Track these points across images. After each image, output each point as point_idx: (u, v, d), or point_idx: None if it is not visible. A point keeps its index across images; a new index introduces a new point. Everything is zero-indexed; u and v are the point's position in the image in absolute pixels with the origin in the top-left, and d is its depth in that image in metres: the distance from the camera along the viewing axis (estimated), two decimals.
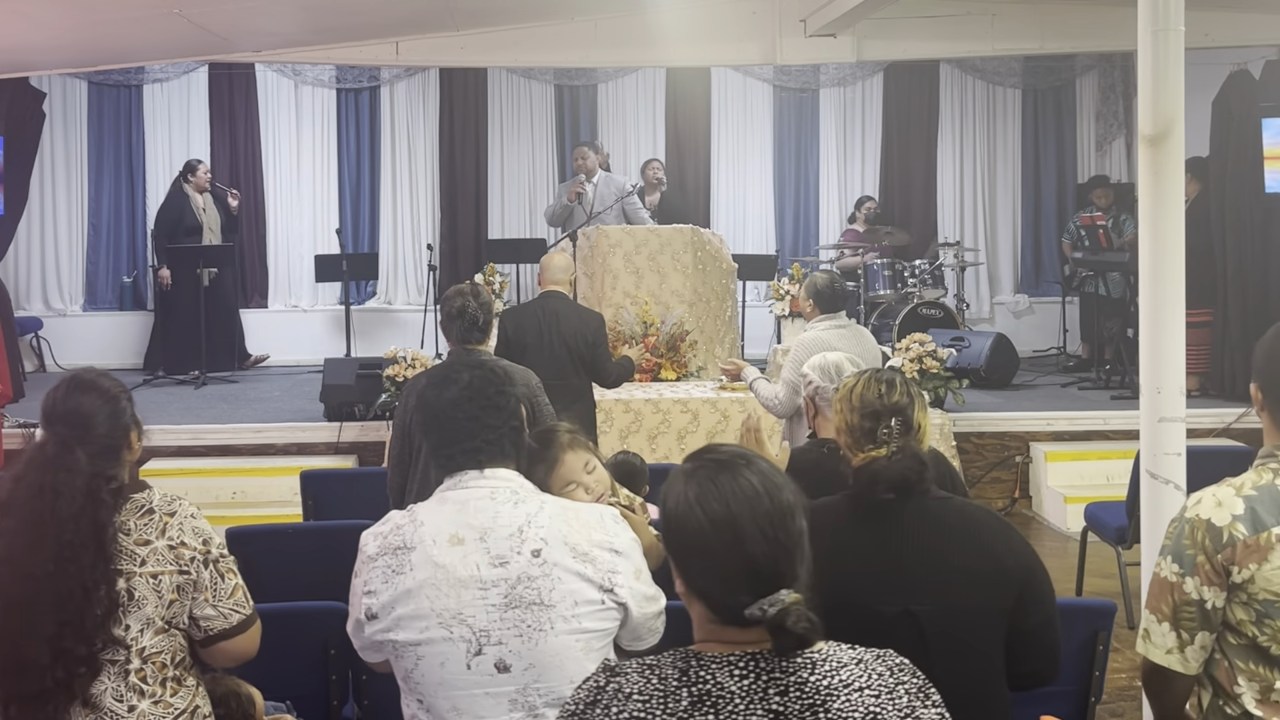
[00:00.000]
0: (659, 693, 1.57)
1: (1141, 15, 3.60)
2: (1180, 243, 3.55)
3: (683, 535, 1.60)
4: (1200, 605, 2.20)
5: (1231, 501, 2.21)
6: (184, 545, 2.39)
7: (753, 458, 1.65)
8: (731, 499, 1.57)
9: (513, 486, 2.23)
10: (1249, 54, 8.59)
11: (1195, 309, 6.72)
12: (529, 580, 2.11)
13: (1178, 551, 2.23)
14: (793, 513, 1.59)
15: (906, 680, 1.62)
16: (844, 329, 5.24)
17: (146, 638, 2.36)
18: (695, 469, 1.63)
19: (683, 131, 11.38)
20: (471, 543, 2.15)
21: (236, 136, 10.96)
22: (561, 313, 5.47)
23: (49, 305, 10.78)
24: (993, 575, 2.31)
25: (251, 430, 7.64)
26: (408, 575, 2.15)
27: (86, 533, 2.29)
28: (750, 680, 1.55)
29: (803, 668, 1.57)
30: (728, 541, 1.56)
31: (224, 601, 2.44)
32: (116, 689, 2.33)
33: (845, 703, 1.55)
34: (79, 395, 2.42)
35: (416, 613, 2.13)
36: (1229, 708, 2.23)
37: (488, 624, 2.11)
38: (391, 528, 2.24)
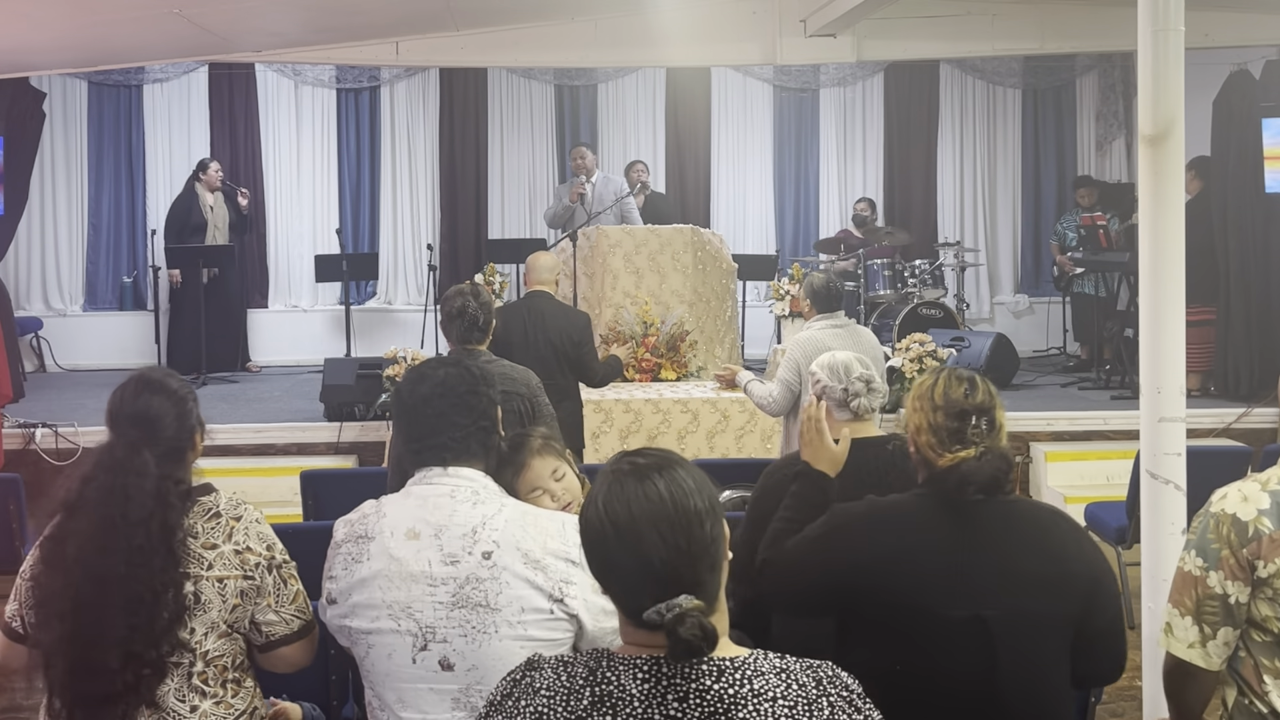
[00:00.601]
0: (564, 690, 1.59)
1: (1141, 15, 3.60)
2: (1180, 243, 3.54)
3: (589, 536, 1.63)
4: (1224, 600, 2.20)
5: (1257, 496, 2.21)
6: (250, 550, 2.38)
7: (673, 464, 1.64)
8: (634, 502, 1.58)
9: (475, 486, 2.23)
10: (1249, 54, 8.59)
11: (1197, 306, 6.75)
12: (477, 582, 2.11)
13: (1202, 546, 2.23)
14: (700, 519, 1.59)
15: (834, 693, 1.59)
16: (841, 329, 5.24)
17: (210, 641, 2.35)
18: (612, 472, 1.65)
19: (683, 131, 11.38)
20: (426, 538, 2.15)
21: (236, 136, 10.96)
22: (547, 312, 5.48)
23: (49, 305, 10.78)
24: (1061, 580, 2.27)
25: (251, 430, 7.64)
26: (364, 564, 2.17)
27: (156, 536, 2.27)
28: (650, 685, 1.56)
29: (706, 675, 1.56)
30: (627, 544, 1.57)
31: (286, 607, 2.43)
32: (179, 690, 2.33)
33: (752, 712, 1.54)
34: (148, 396, 2.40)
35: (369, 602, 2.15)
36: (1255, 705, 2.22)
37: (434, 620, 2.11)
38: (359, 516, 2.27)
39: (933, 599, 2.23)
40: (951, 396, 2.36)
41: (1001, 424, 2.39)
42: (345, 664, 3.40)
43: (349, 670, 3.43)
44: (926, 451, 2.35)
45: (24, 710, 4.48)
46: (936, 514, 2.30)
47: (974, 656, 2.22)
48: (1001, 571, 2.25)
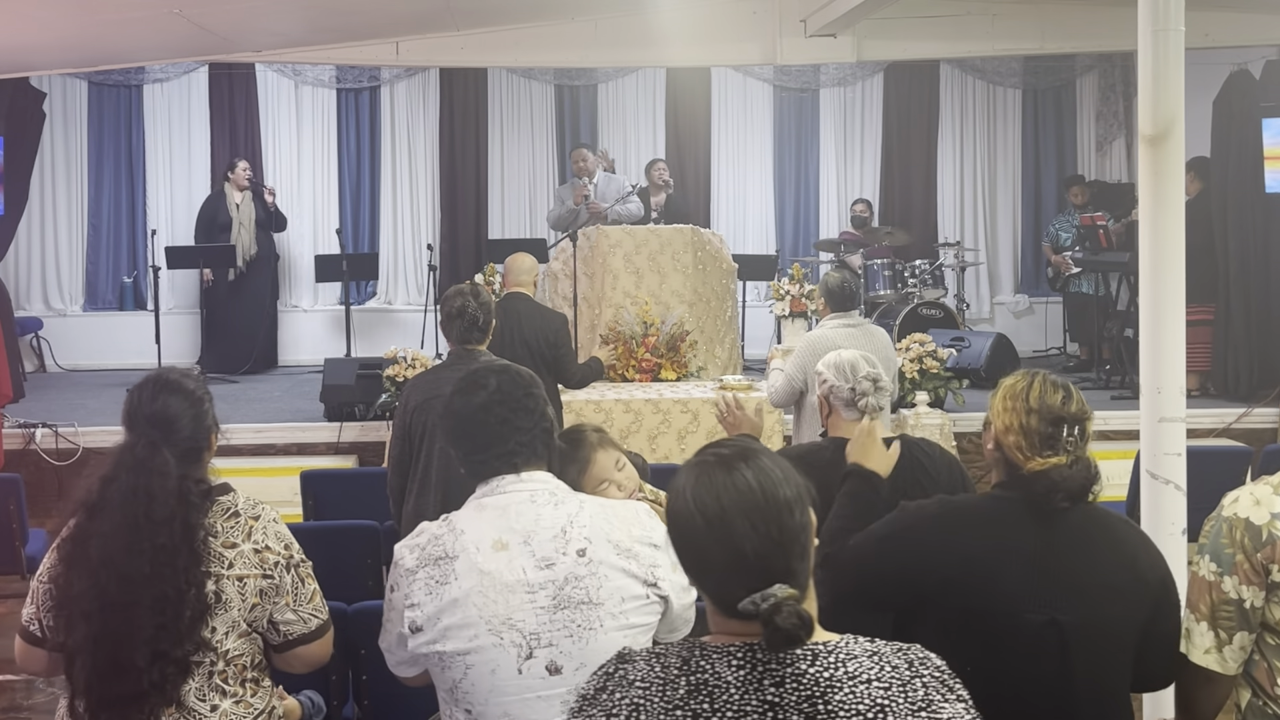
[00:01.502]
0: (659, 680, 1.59)
1: (1141, 15, 3.60)
2: (1180, 243, 3.54)
3: (679, 529, 1.63)
4: (1239, 604, 2.19)
5: (1270, 500, 2.20)
6: (268, 549, 2.39)
7: (757, 453, 1.65)
8: (723, 493, 1.59)
9: (550, 488, 2.23)
10: (1249, 54, 8.59)
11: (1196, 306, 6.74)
12: (576, 580, 2.12)
13: (1216, 550, 2.22)
14: (790, 508, 1.60)
15: (927, 673, 1.61)
16: (854, 328, 5.23)
17: (230, 640, 2.36)
18: (698, 464, 1.66)
19: (683, 131, 11.38)
20: (516, 547, 2.14)
21: (236, 136, 10.96)
22: (523, 314, 5.50)
23: (49, 305, 10.78)
24: (1134, 587, 2.27)
25: (251, 430, 7.64)
26: (453, 585, 2.13)
27: (179, 536, 2.28)
28: (746, 671, 1.57)
29: (801, 659, 1.57)
30: (718, 536, 1.57)
31: (304, 606, 2.44)
32: (201, 689, 2.34)
33: (849, 694, 1.55)
34: (165, 396, 2.41)
35: (464, 621, 2.11)
36: (1270, 707, 2.22)
37: (537, 627, 2.10)
38: (429, 538, 2.21)
39: (1010, 602, 2.23)
40: (1048, 402, 2.33)
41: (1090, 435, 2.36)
42: (346, 664, 3.40)
43: (349, 670, 3.43)
44: (1013, 453, 2.32)
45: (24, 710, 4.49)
46: (1017, 517, 2.29)
47: (1048, 661, 2.22)
48: (1079, 577, 2.25)
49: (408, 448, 4.14)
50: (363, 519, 4.54)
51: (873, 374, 3.27)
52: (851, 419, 3.24)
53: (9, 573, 5.35)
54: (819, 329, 5.24)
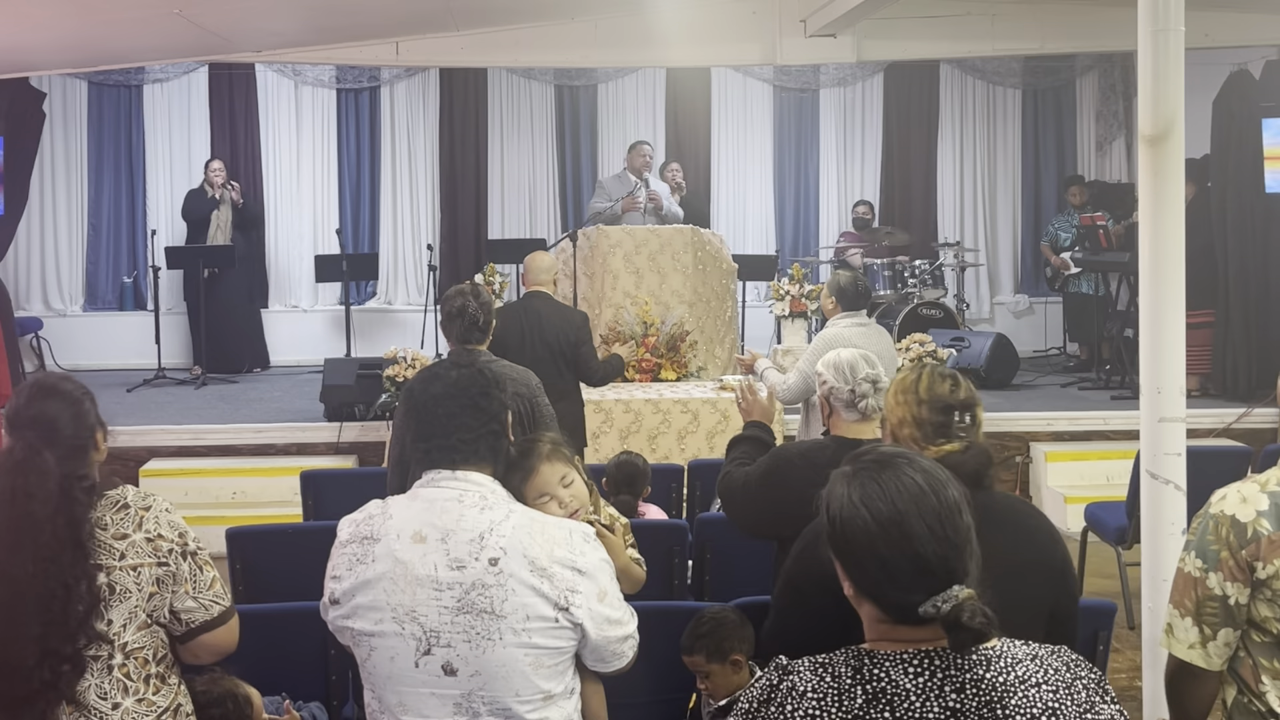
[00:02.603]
0: (833, 690, 1.57)
1: (1141, 15, 3.60)
2: (1180, 243, 3.54)
3: (849, 537, 1.60)
4: (1224, 601, 2.20)
5: (1256, 498, 2.21)
6: (161, 538, 2.40)
7: (914, 456, 1.64)
8: (897, 498, 1.57)
9: (483, 491, 2.21)
10: (1249, 54, 8.59)
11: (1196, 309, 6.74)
12: (483, 588, 2.10)
13: (1202, 547, 2.24)
14: (959, 509, 1.59)
15: (1084, 675, 1.61)
16: (865, 327, 5.25)
17: (129, 633, 2.37)
18: (856, 470, 1.63)
19: (683, 131, 11.38)
20: (433, 542, 2.14)
21: (236, 136, 10.96)
22: (544, 313, 5.48)
23: (49, 305, 10.79)
24: (1040, 566, 2.32)
25: (251, 430, 7.64)
26: (370, 565, 2.16)
27: (63, 532, 2.29)
28: (925, 677, 1.55)
29: (978, 664, 1.56)
30: (895, 541, 1.56)
31: (204, 593, 2.45)
32: (100, 686, 2.34)
33: (1023, 699, 1.55)
34: (42, 400, 2.44)
35: (373, 604, 2.14)
36: (1254, 704, 2.23)
37: (438, 625, 2.10)
38: (365, 516, 2.25)
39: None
40: (937, 391, 2.42)
41: (980, 421, 2.45)
42: (345, 664, 3.40)
43: (349, 670, 3.43)
44: (908, 445, 2.39)
45: None
46: None
47: None
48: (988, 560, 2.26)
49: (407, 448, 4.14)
50: None
51: (872, 375, 3.27)
52: (852, 420, 3.25)
53: None
54: (832, 328, 5.25)
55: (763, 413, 3.68)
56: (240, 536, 4.21)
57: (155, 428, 7.54)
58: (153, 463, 7.26)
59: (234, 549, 4.21)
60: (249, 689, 2.78)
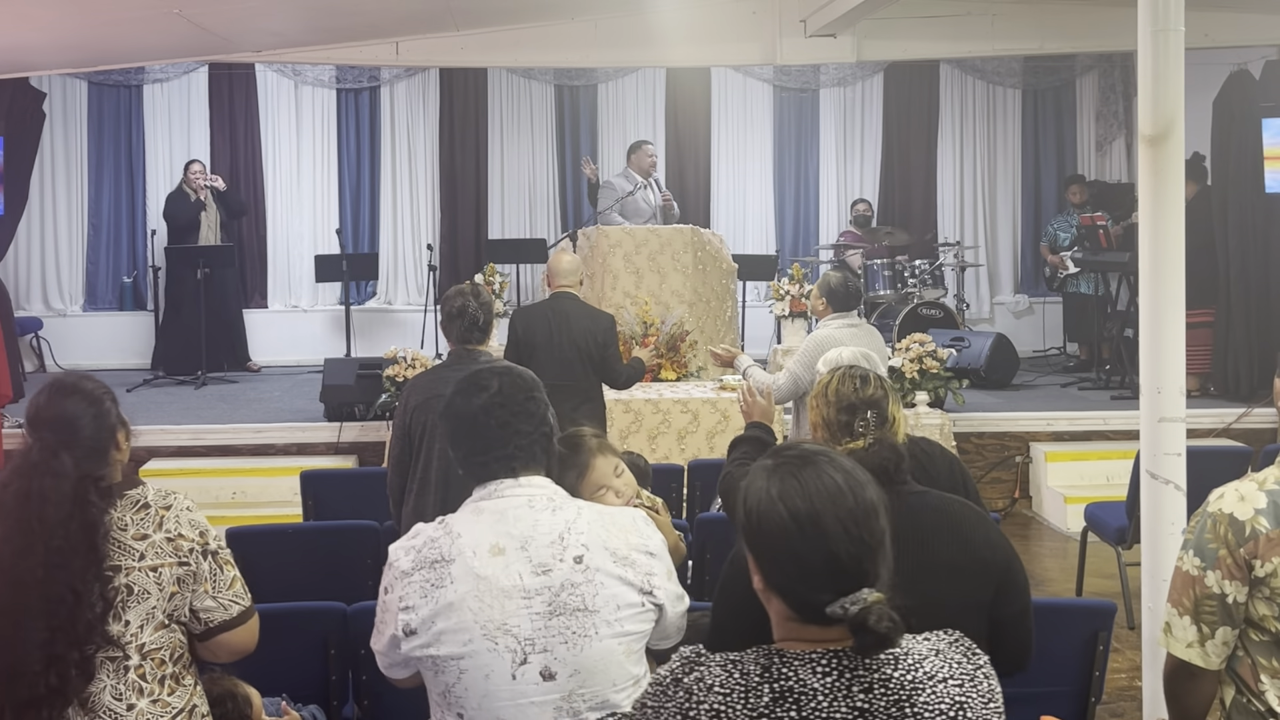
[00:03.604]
0: (740, 687, 1.56)
1: (1141, 15, 3.60)
2: (1180, 243, 3.54)
3: (764, 531, 1.59)
4: (1222, 599, 2.20)
5: (1254, 496, 2.21)
6: (182, 537, 2.39)
7: (835, 455, 1.64)
8: (815, 495, 1.57)
9: (548, 494, 2.22)
10: (1249, 54, 8.59)
11: (1196, 309, 6.75)
12: (573, 587, 2.11)
13: (1200, 545, 2.24)
14: (876, 511, 1.59)
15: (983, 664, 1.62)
16: (856, 328, 5.23)
17: (147, 633, 2.35)
18: (778, 465, 1.62)
19: (683, 131, 11.38)
20: (513, 552, 2.13)
21: (236, 136, 10.96)
22: (572, 313, 5.43)
23: (49, 305, 10.78)
24: (973, 568, 2.33)
25: (251, 430, 7.64)
26: (449, 588, 2.12)
27: (76, 536, 2.27)
28: (834, 678, 1.55)
29: (886, 664, 1.56)
30: (810, 538, 1.55)
31: (224, 592, 2.44)
32: (115, 688, 2.32)
33: (931, 695, 1.55)
34: (62, 400, 2.41)
35: (459, 626, 2.10)
36: (1253, 703, 2.23)
37: (532, 633, 2.10)
38: (425, 540, 2.19)
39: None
40: (841, 391, 2.51)
41: (895, 418, 2.51)
42: (345, 664, 3.40)
43: (349, 670, 3.43)
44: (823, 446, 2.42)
45: None
46: None
47: None
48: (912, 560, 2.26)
49: (408, 447, 4.14)
50: (363, 519, 4.54)
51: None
52: None
53: None
54: (823, 329, 5.23)
55: (763, 414, 3.73)
56: (240, 536, 4.20)
57: (155, 428, 7.53)
58: (152, 463, 7.26)
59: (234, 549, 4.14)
60: (249, 689, 2.78)
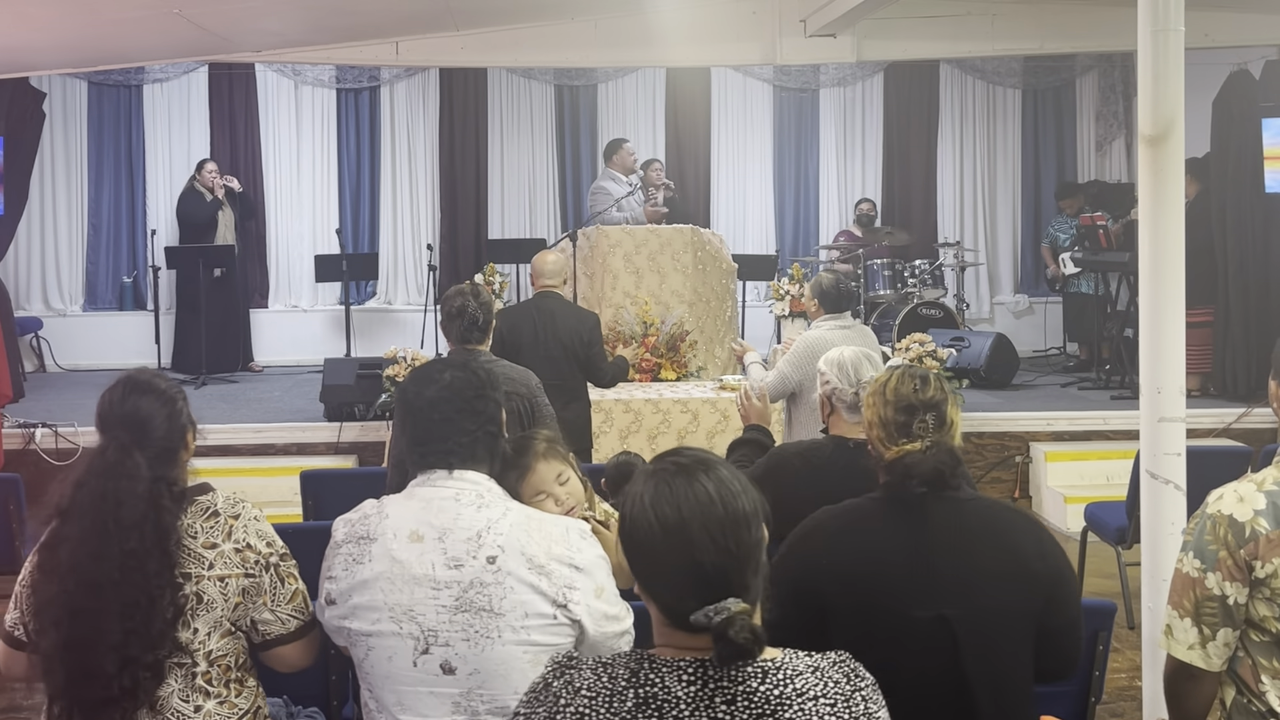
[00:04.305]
0: (606, 691, 1.57)
1: (1141, 15, 3.60)
2: (1180, 243, 3.54)
3: (634, 537, 1.60)
4: (1222, 601, 2.20)
5: (1254, 497, 2.21)
6: (249, 549, 2.38)
7: (715, 464, 1.63)
8: (684, 504, 1.57)
9: (479, 490, 2.21)
10: (1249, 54, 8.59)
11: (1196, 308, 6.74)
12: (481, 586, 2.10)
13: (1200, 547, 2.23)
14: (747, 522, 1.58)
15: (864, 687, 1.60)
16: (848, 329, 5.23)
17: (214, 640, 2.35)
18: (655, 471, 1.63)
19: (683, 131, 11.38)
20: (430, 541, 2.14)
21: (236, 136, 10.96)
22: (557, 312, 5.45)
23: (49, 305, 10.78)
24: (1023, 578, 2.29)
25: (251, 430, 7.64)
26: (366, 565, 2.16)
27: (150, 540, 2.26)
28: (697, 687, 1.55)
29: (752, 676, 1.55)
30: (676, 546, 1.55)
31: (283, 607, 2.42)
32: (183, 690, 2.32)
33: (797, 711, 1.54)
34: (136, 397, 2.38)
35: (370, 604, 2.14)
36: (1254, 705, 2.23)
37: (436, 624, 2.10)
38: (360, 516, 2.26)
39: (897, 600, 2.25)
40: (901, 391, 2.43)
41: (953, 421, 2.44)
42: (345, 664, 3.39)
43: (349, 670, 3.42)
44: (878, 445, 2.42)
45: (24, 710, 4.49)
46: (894, 514, 2.33)
47: (940, 657, 2.24)
48: (962, 569, 2.27)
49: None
50: None
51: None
52: (854, 421, 3.25)
53: (9, 572, 5.35)
54: (814, 330, 5.24)
55: (759, 416, 3.72)
56: None
57: None
58: None
59: None
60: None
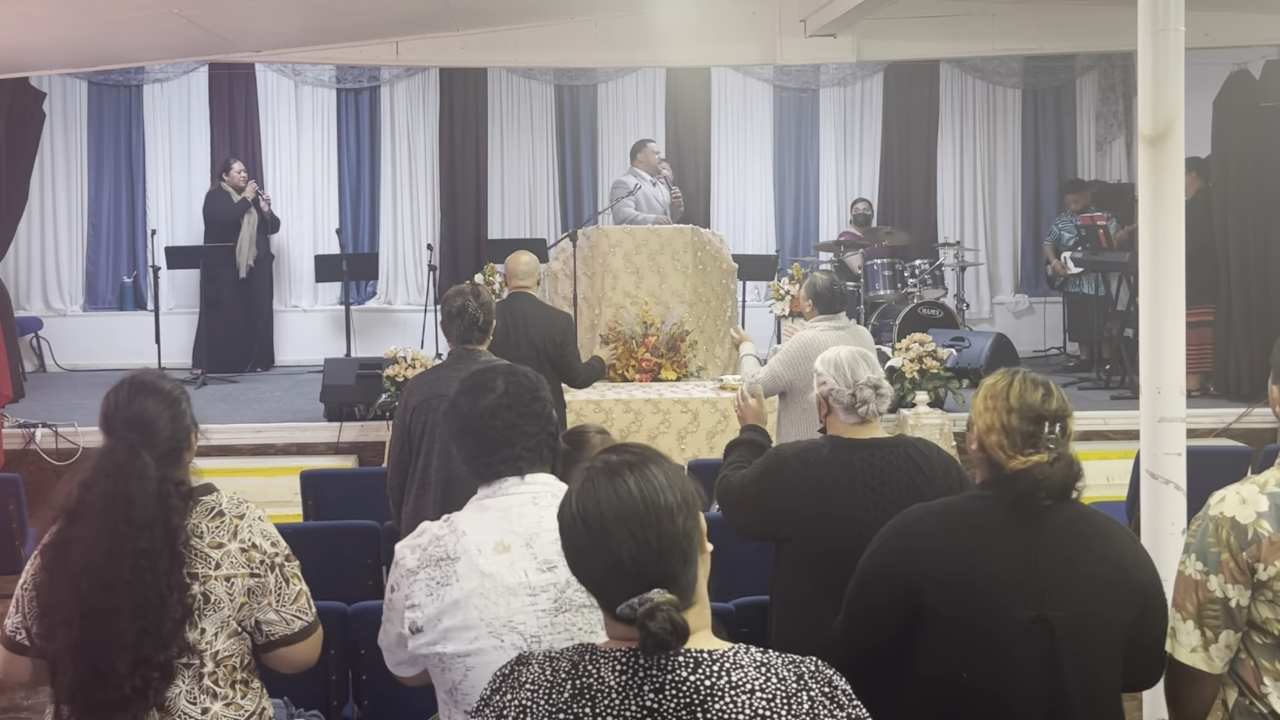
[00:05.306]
0: (547, 684, 1.61)
1: (1141, 15, 3.60)
2: (1180, 243, 3.54)
3: (564, 535, 1.66)
4: (1225, 603, 2.20)
5: (1256, 499, 2.21)
6: (255, 548, 2.38)
7: (647, 460, 1.66)
8: (604, 500, 1.61)
9: (553, 490, 2.22)
10: (1249, 54, 8.59)
11: (1196, 308, 6.74)
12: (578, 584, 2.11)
13: (1202, 549, 2.23)
14: (671, 514, 1.60)
15: (815, 687, 1.60)
16: (843, 330, 5.23)
17: (220, 641, 2.35)
18: (587, 470, 1.67)
19: (683, 131, 11.38)
20: (518, 549, 2.13)
21: (236, 136, 10.96)
22: (529, 314, 5.48)
23: (49, 305, 10.78)
24: (1122, 585, 2.29)
25: (251, 430, 7.64)
26: (454, 586, 2.12)
27: (160, 539, 2.26)
28: (627, 676, 1.58)
29: (682, 666, 1.58)
30: (596, 541, 1.60)
31: (287, 607, 2.42)
32: (190, 692, 2.33)
33: (729, 704, 1.55)
34: (141, 398, 2.39)
35: (465, 623, 2.11)
36: (1256, 706, 2.23)
37: (538, 630, 2.10)
38: (430, 539, 2.20)
39: (1002, 599, 2.25)
40: (1028, 400, 2.34)
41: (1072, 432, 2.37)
42: (345, 664, 3.40)
43: (349, 670, 3.43)
44: (995, 452, 2.33)
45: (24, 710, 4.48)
46: (1002, 516, 2.32)
47: (1038, 658, 2.24)
48: (1067, 574, 2.27)
49: (408, 447, 4.14)
50: (363, 519, 4.54)
51: (874, 380, 3.25)
52: (851, 422, 3.24)
53: (9, 573, 5.35)
54: (808, 330, 5.24)
55: (755, 416, 3.72)
56: None
57: None
58: None
59: None
60: None
